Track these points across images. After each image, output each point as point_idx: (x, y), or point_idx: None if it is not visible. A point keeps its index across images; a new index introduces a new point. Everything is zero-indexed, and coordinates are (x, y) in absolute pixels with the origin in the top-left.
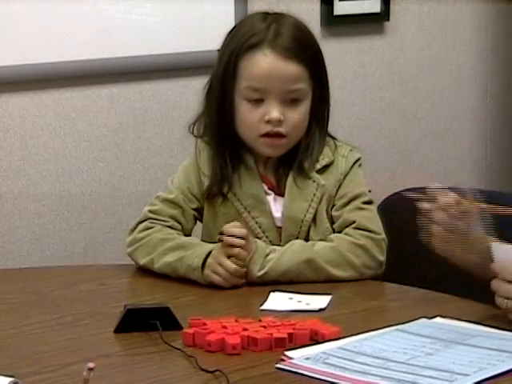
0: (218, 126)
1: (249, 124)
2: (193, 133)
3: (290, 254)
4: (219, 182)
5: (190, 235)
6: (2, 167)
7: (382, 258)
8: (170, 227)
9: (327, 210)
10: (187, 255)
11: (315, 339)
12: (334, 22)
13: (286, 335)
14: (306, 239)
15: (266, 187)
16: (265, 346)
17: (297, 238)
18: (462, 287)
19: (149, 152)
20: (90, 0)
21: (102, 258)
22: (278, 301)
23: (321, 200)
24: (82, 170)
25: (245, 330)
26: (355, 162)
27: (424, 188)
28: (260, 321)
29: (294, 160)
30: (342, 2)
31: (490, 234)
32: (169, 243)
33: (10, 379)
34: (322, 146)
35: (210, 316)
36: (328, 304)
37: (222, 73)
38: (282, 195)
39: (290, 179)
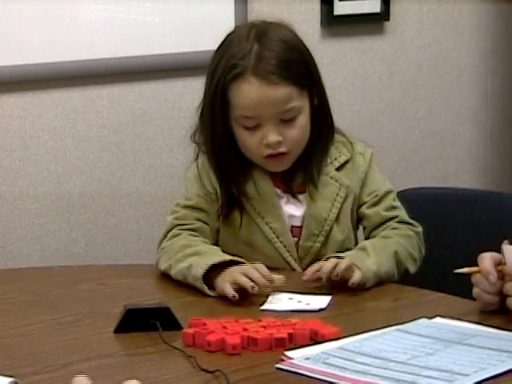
0: (215, 149)
1: (250, 148)
2: (194, 142)
3: (380, 253)
4: (231, 201)
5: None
6: (2, 167)
7: (423, 250)
8: (197, 229)
9: (352, 209)
10: (195, 264)
11: (315, 339)
12: (334, 22)
13: (285, 335)
14: (327, 238)
15: (279, 191)
16: (265, 346)
17: (318, 236)
18: (462, 287)
19: (149, 152)
20: (90, 0)
21: (102, 258)
22: (278, 301)
23: (345, 200)
24: (82, 170)
25: (245, 330)
26: (371, 158)
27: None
28: (260, 321)
29: (301, 166)
30: (342, 2)
31: None
32: (188, 249)
33: (10, 379)
34: (326, 150)
35: (210, 316)
36: (328, 304)
37: (211, 101)
38: (294, 194)
39: (309, 181)
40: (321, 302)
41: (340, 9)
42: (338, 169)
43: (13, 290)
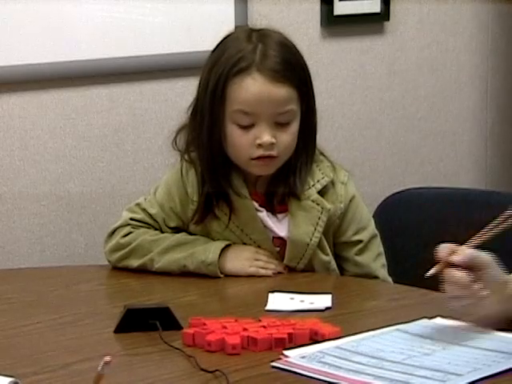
0: (210, 151)
1: (240, 148)
2: (177, 148)
3: None
4: (208, 207)
5: None
6: (2, 167)
7: None
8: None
9: (329, 234)
10: (198, 251)
11: (315, 339)
12: (334, 22)
13: (285, 335)
14: (311, 260)
15: (256, 204)
16: (265, 346)
17: (301, 259)
18: None
19: (149, 152)
20: (90, 0)
21: (102, 258)
22: (281, 301)
23: (326, 224)
24: (82, 170)
25: (245, 329)
26: (353, 196)
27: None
28: (260, 321)
29: (283, 177)
30: (341, 2)
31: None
32: (165, 242)
33: (10, 379)
34: (311, 162)
35: (210, 316)
36: (332, 303)
37: (210, 98)
38: (273, 211)
39: (293, 195)
40: (324, 300)
41: (340, 9)
42: (319, 192)
43: (13, 290)
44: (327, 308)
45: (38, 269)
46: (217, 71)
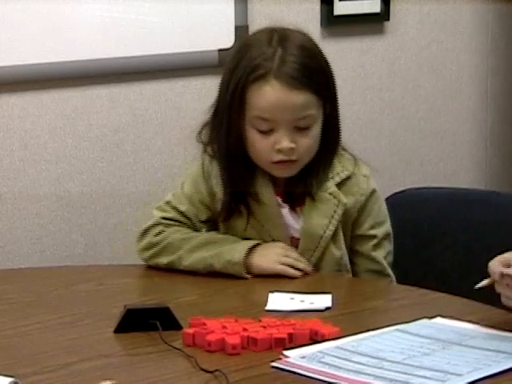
0: (227, 151)
1: (260, 152)
2: (201, 141)
3: None
4: (232, 204)
5: None
6: (2, 167)
7: None
8: (183, 227)
9: (347, 227)
10: (225, 251)
11: (315, 339)
12: (334, 22)
13: (285, 335)
14: (323, 253)
15: (279, 200)
16: (265, 346)
17: (314, 251)
18: (462, 287)
19: (149, 152)
20: (90, 0)
21: (102, 258)
22: (281, 301)
23: (342, 217)
24: (82, 170)
25: (245, 330)
26: (374, 190)
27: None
28: (260, 321)
29: (303, 176)
30: (341, 2)
31: None
32: (194, 240)
33: (10, 379)
34: (332, 160)
35: (210, 316)
36: (332, 303)
37: (229, 101)
38: (294, 207)
39: (308, 194)
40: (324, 300)
41: (340, 9)
42: (338, 184)
43: (13, 290)
44: (327, 308)
45: (38, 269)
46: (236, 76)
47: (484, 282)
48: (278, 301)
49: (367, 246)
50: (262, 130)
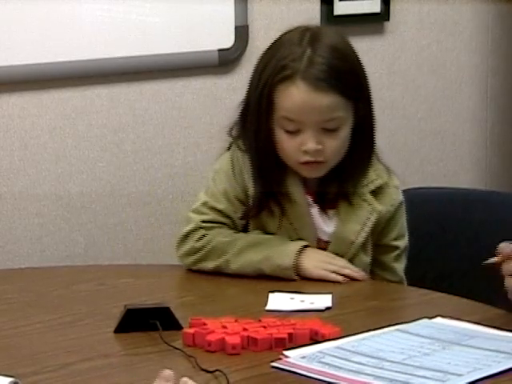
0: (257, 149)
1: (287, 152)
2: (231, 135)
3: None
4: (263, 201)
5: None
6: (2, 167)
7: None
8: (223, 228)
9: (372, 236)
10: (274, 255)
11: (315, 339)
12: (334, 22)
13: (285, 335)
14: (352, 259)
15: (310, 200)
16: (265, 346)
17: (343, 257)
18: (462, 287)
19: (149, 152)
20: (90, 0)
21: (102, 258)
22: (281, 301)
23: (374, 224)
24: (82, 170)
25: (245, 330)
26: (402, 202)
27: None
28: (260, 321)
29: (334, 177)
30: (342, 2)
31: None
32: (239, 243)
33: (10, 379)
34: (366, 164)
35: (210, 316)
36: (332, 303)
37: (258, 100)
38: (325, 208)
39: (344, 198)
40: (324, 300)
41: (340, 9)
42: (372, 192)
43: (13, 290)
44: (327, 308)
45: (38, 269)
46: (265, 75)
47: (492, 260)
48: (278, 301)
49: (389, 257)
50: (289, 131)
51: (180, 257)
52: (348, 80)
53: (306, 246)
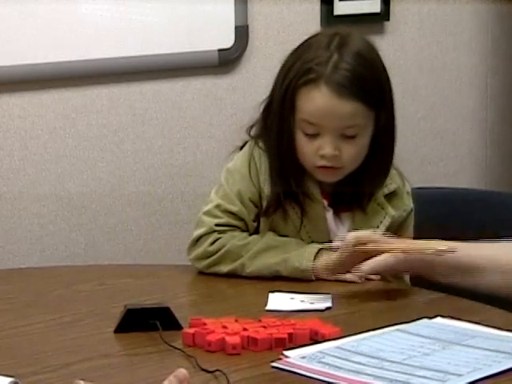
0: (278, 148)
1: (305, 155)
2: (249, 134)
3: None
4: (281, 200)
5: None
6: (2, 167)
7: None
8: (237, 231)
9: None
10: (291, 257)
11: (315, 339)
12: (334, 22)
13: (285, 335)
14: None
15: (325, 203)
16: (265, 346)
17: None
18: (461, 287)
19: (149, 152)
20: (90, 0)
21: (102, 258)
22: (281, 301)
23: (386, 229)
24: (82, 170)
25: (245, 330)
26: (412, 209)
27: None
28: (260, 321)
29: (356, 182)
30: (342, 2)
31: None
32: (254, 246)
33: (10, 379)
34: (384, 171)
35: (210, 316)
36: (332, 303)
37: (281, 100)
38: (339, 212)
39: (358, 206)
40: (324, 300)
41: (340, 9)
42: (385, 196)
43: (13, 290)
44: (327, 308)
45: (38, 269)
46: (290, 76)
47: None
48: (278, 301)
49: None
50: (308, 134)
51: (192, 260)
52: (371, 88)
53: (321, 249)
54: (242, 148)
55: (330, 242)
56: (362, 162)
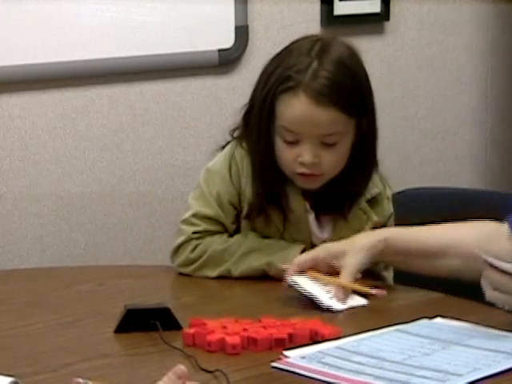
0: (259, 152)
1: (285, 161)
2: (232, 135)
3: None
4: (263, 203)
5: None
6: (2, 167)
7: None
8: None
9: None
10: (276, 259)
11: (315, 339)
12: (334, 22)
13: (285, 335)
14: None
15: (308, 205)
16: (265, 346)
17: None
18: (462, 287)
19: (149, 152)
20: (90, 0)
21: (102, 258)
22: (304, 282)
23: None
24: (82, 170)
25: (245, 330)
26: (392, 213)
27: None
28: (260, 321)
29: (336, 186)
30: (342, 2)
31: None
32: (237, 250)
33: (10, 379)
34: (367, 176)
35: (210, 316)
36: (345, 309)
37: (261, 106)
38: (321, 215)
39: (340, 213)
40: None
41: (340, 9)
42: (368, 201)
43: (13, 290)
44: (327, 308)
45: (38, 269)
46: (270, 82)
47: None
48: (302, 282)
49: (379, 266)
50: (287, 141)
51: (177, 267)
52: (351, 96)
53: (305, 249)
54: (224, 147)
55: (312, 244)
56: (343, 168)
